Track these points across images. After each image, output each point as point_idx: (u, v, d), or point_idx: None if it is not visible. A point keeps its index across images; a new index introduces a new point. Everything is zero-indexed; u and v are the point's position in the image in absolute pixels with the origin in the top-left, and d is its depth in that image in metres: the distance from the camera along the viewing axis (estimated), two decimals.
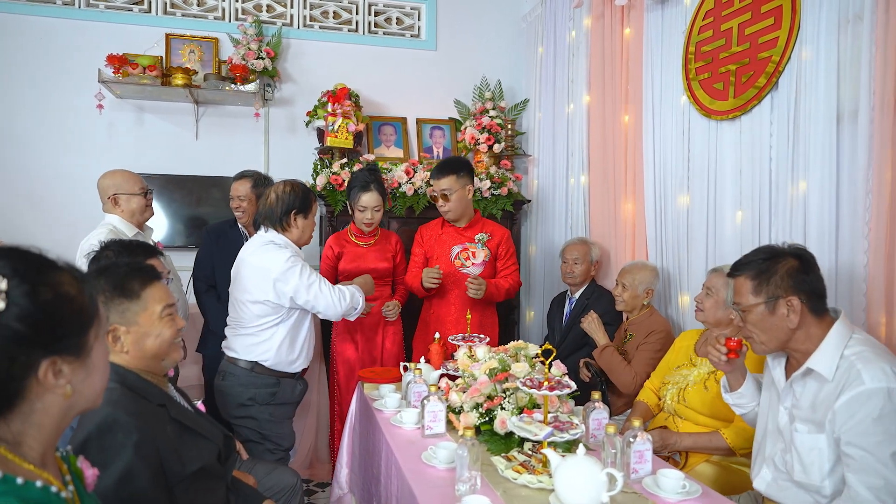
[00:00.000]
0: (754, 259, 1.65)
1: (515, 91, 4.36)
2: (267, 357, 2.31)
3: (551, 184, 3.87)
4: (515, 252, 3.11)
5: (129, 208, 2.60)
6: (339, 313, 2.38)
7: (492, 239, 3.02)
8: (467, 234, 3.02)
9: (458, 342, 2.40)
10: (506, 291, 3.00)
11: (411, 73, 4.26)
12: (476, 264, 2.96)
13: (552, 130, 3.86)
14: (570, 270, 3.17)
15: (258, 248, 2.33)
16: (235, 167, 3.91)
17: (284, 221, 2.36)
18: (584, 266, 3.15)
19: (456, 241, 3.02)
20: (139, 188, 2.64)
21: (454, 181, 2.93)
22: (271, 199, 2.36)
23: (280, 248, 2.32)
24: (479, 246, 2.97)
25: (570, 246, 3.22)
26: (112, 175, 2.65)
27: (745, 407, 1.85)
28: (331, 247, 3.16)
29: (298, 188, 2.40)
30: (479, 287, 2.84)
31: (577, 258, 3.15)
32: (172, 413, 1.48)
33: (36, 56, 3.66)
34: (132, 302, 1.45)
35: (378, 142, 4.17)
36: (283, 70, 4.05)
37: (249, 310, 2.30)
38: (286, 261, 2.26)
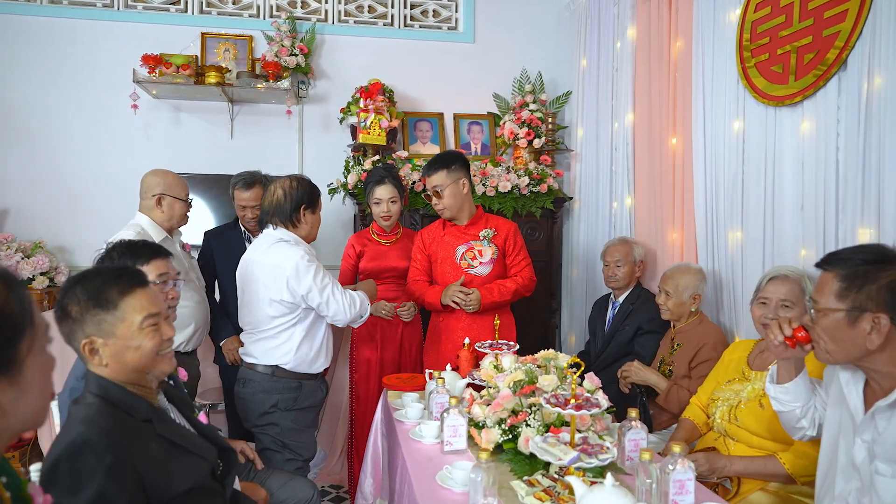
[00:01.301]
0: (853, 257, 1.39)
1: (557, 83, 4.16)
2: (287, 359, 2.22)
3: (594, 180, 3.65)
4: (524, 246, 2.88)
5: (171, 212, 2.55)
6: (347, 320, 2.27)
7: (497, 234, 2.81)
8: (471, 232, 2.81)
9: (484, 349, 2.24)
10: (514, 293, 2.77)
11: (448, 67, 4.12)
12: (484, 263, 2.77)
13: (595, 122, 3.64)
14: (612, 273, 2.96)
15: (269, 247, 2.24)
16: (270, 166, 3.88)
17: (294, 217, 2.27)
18: (626, 268, 2.94)
19: (460, 241, 2.81)
20: (185, 194, 2.59)
21: (445, 176, 2.73)
22: (278, 196, 2.27)
23: (292, 245, 2.22)
24: (485, 243, 2.78)
25: (611, 247, 3.01)
26: (163, 174, 2.59)
27: (785, 404, 1.61)
28: (352, 245, 3.07)
29: (305, 182, 2.30)
30: (469, 302, 2.67)
31: (619, 260, 2.94)
32: (159, 429, 1.38)
33: (75, 58, 3.71)
34: (108, 312, 1.35)
35: (414, 138, 4.04)
36: (317, 67, 3.98)
37: (264, 311, 2.22)
38: (300, 259, 2.17)
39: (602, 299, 3.17)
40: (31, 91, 3.67)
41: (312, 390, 2.29)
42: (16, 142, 3.66)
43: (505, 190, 3.59)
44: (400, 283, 3.04)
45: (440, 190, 2.74)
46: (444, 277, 2.83)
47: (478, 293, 2.70)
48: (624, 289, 2.99)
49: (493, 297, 2.71)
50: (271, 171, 3.85)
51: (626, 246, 2.98)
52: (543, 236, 3.75)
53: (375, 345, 3.04)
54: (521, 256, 2.85)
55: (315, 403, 2.31)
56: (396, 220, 3.05)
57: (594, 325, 3.14)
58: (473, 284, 2.76)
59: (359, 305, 2.28)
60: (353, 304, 2.25)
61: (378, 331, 3.03)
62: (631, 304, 2.94)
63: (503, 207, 3.59)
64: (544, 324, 3.81)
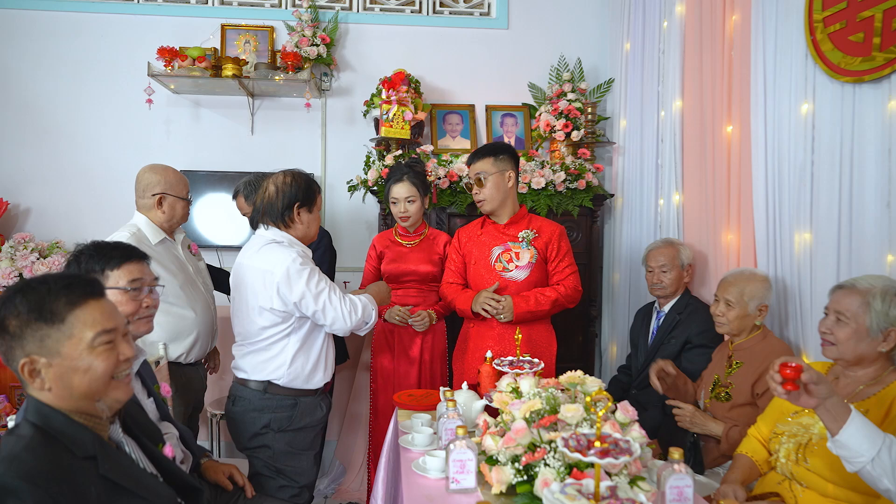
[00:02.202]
0: None
1: (598, 70, 3.82)
2: (280, 374, 2.00)
3: (638, 174, 3.30)
4: (570, 251, 2.59)
5: (173, 213, 2.38)
6: (348, 329, 2.04)
7: (539, 237, 2.53)
8: (510, 232, 2.55)
9: (503, 368, 1.96)
10: (553, 303, 2.48)
11: (480, 56, 3.84)
12: (521, 267, 2.49)
13: (640, 111, 3.30)
14: (656, 280, 2.64)
15: (260, 249, 2.02)
16: (292, 162, 3.62)
17: (287, 217, 2.05)
18: (673, 273, 2.61)
19: (496, 241, 2.55)
20: (186, 192, 2.42)
21: (491, 164, 2.49)
22: (270, 193, 2.05)
23: (284, 247, 2.00)
24: (524, 245, 2.50)
25: (655, 250, 2.68)
26: (163, 171, 2.41)
27: (854, 462, 1.31)
28: (374, 246, 2.84)
29: (301, 178, 2.08)
30: (501, 310, 2.41)
31: (664, 264, 2.61)
32: (102, 469, 1.17)
33: (95, 53, 3.62)
34: (53, 327, 1.15)
35: (442, 132, 3.79)
36: (341, 57, 3.77)
37: (255, 321, 2.00)
38: (292, 262, 1.95)
39: (645, 308, 2.84)
40: (52, 87, 3.60)
41: (310, 408, 2.06)
42: (37, 139, 3.60)
43: (538, 186, 3.29)
44: (422, 288, 2.80)
45: (483, 178, 2.49)
46: (477, 281, 2.57)
47: (510, 301, 2.43)
48: (670, 297, 2.66)
49: (528, 307, 2.44)
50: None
51: (672, 248, 2.65)
52: (581, 237, 3.43)
53: (392, 353, 2.80)
54: (566, 263, 2.57)
55: (313, 423, 2.08)
56: (418, 220, 2.80)
57: (636, 336, 2.82)
58: (508, 290, 2.49)
59: (360, 312, 2.04)
60: (353, 311, 2.02)
61: (395, 338, 2.80)
62: (678, 313, 2.61)
63: (536, 206, 3.29)
64: (583, 333, 3.49)
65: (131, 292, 1.58)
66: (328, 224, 3.78)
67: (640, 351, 2.74)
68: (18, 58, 3.58)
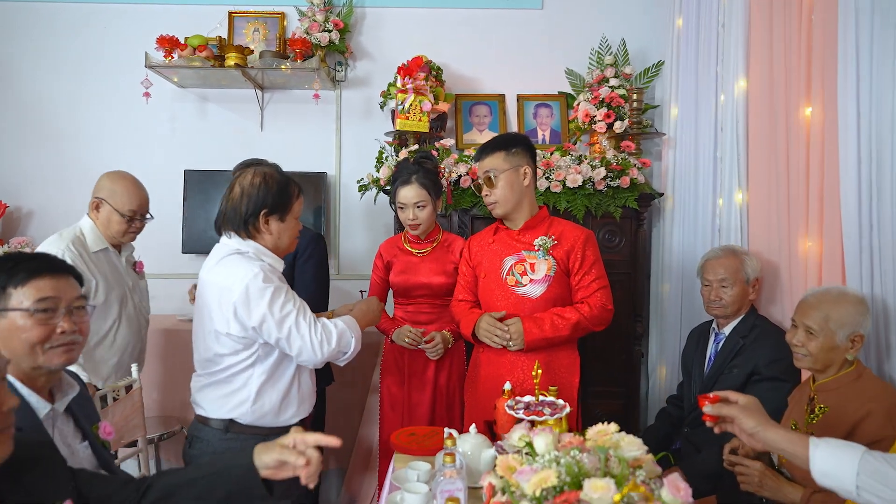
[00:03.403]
0: None
1: (646, 52, 3.36)
2: (243, 411, 1.67)
3: (692, 170, 2.84)
4: (599, 262, 2.16)
5: (107, 224, 2.20)
6: (318, 361, 1.69)
7: (559, 244, 2.11)
8: (525, 238, 2.14)
9: (517, 412, 1.56)
10: (574, 326, 2.05)
11: (511, 39, 3.44)
12: (536, 281, 2.08)
13: (694, 96, 2.84)
14: (715, 296, 2.20)
15: (219, 261, 1.70)
16: (303, 160, 3.41)
17: (251, 225, 1.71)
18: (735, 289, 2.16)
19: (509, 251, 2.15)
20: (128, 211, 2.19)
21: (502, 159, 2.09)
22: (234, 195, 1.72)
23: (247, 259, 1.67)
24: (540, 254, 2.08)
25: (713, 261, 2.23)
26: (116, 178, 2.24)
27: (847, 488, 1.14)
28: (380, 254, 2.49)
29: (273, 180, 1.73)
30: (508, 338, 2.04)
31: (724, 278, 2.17)
32: None
33: (97, 47, 3.40)
34: None
35: (468, 125, 3.41)
36: (357, 45, 3.44)
37: (211, 347, 1.68)
38: (253, 278, 1.61)
39: (701, 328, 2.39)
40: (53, 84, 3.40)
41: None
42: (38, 139, 3.41)
43: (575, 185, 2.86)
44: (436, 303, 2.42)
45: (493, 176, 2.10)
46: (487, 297, 2.19)
47: (519, 326, 2.03)
48: (731, 317, 2.20)
49: (541, 333, 2.03)
50: (305, 167, 3.39)
51: (734, 259, 2.20)
52: (625, 243, 2.99)
53: (402, 378, 2.44)
54: (593, 276, 2.12)
55: None
56: (430, 226, 2.43)
57: (689, 362, 2.36)
58: (522, 309, 2.09)
59: (334, 341, 1.68)
60: (325, 340, 1.67)
61: (406, 360, 2.43)
62: (741, 337, 2.15)
63: (572, 207, 2.87)
64: (626, 352, 3.04)
65: (38, 315, 1.27)
66: (343, 227, 3.45)
67: (695, 380, 2.29)
68: (17, 53, 3.39)
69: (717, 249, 2.30)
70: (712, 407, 1.31)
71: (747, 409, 1.28)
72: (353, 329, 1.77)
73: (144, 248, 3.42)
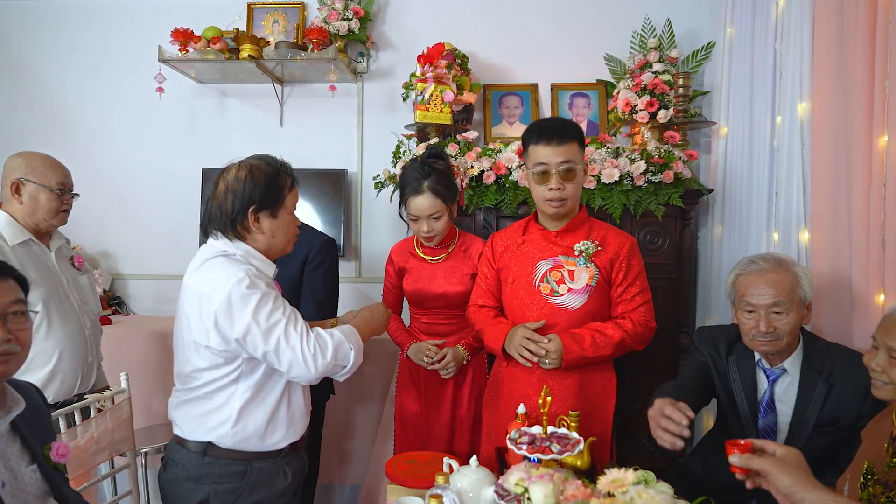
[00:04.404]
0: None
1: (694, 33, 3.04)
2: (223, 433, 1.49)
3: (746, 163, 2.51)
4: (643, 273, 1.89)
5: (35, 205, 1.97)
6: (312, 377, 1.48)
7: (602, 250, 1.85)
8: (563, 242, 1.88)
9: (520, 448, 1.32)
10: (617, 345, 1.80)
11: (545, 24, 3.17)
12: (576, 291, 1.82)
13: (749, 81, 2.51)
14: (767, 327, 1.65)
15: (202, 265, 1.52)
16: (324, 157, 3.26)
17: (239, 224, 1.52)
18: (792, 315, 1.65)
19: (544, 254, 1.89)
20: (56, 183, 2.00)
21: (577, 150, 1.83)
22: (219, 192, 1.54)
23: (233, 262, 1.49)
24: (581, 261, 1.82)
25: (755, 277, 1.70)
26: (29, 156, 2.02)
27: None
28: (391, 259, 2.28)
29: (259, 171, 1.54)
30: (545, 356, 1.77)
31: (778, 301, 1.64)
32: None
33: (114, 43, 3.33)
34: None
35: (497, 117, 3.16)
36: (380, 34, 3.25)
37: (190, 360, 1.50)
38: (236, 284, 1.43)
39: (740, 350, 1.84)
40: (70, 82, 3.35)
41: (266, 477, 1.53)
42: (57, 137, 3.35)
43: (611, 180, 2.58)
44: (453, 314, 2.20)
45: (574, 168, 1.81)
46: (515, 306, 1.92)
47: (559, 342, 1.76)
48: (786, 352, 1.71)
49: (582, 351, 1.77)
50: (326, 163, 3.22)
51: (787, 274, 1.68)
52: (669, 245, 2.68)
53: (419, 393, 2.23)
54: (637, 289, 1.87)
55: (272, 497, 1.54)
56: (444, 235, 2.20)
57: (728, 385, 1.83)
58: (557, 321, 1.83)
59: (330, 354, 1.47)
60: (319, 353, 1.46)
61: (422, 374, 2.22)
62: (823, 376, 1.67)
63: (608, 205, 2.59)
64: (670, 367, 2.73)
65: None
66: (365, 227, 3.27)
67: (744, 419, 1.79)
68: (33, 51, 3.36)
69: (759, 261, 1.73)
70: (741, 458, 1.06)
71: (784, 463, 1.05)
72: (352, 339, 1.55)
73: (160, 249, 3.37)
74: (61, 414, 1.76)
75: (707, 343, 1.85)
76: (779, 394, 1.73)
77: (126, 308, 3.38)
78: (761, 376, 1.77)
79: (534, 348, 1.77)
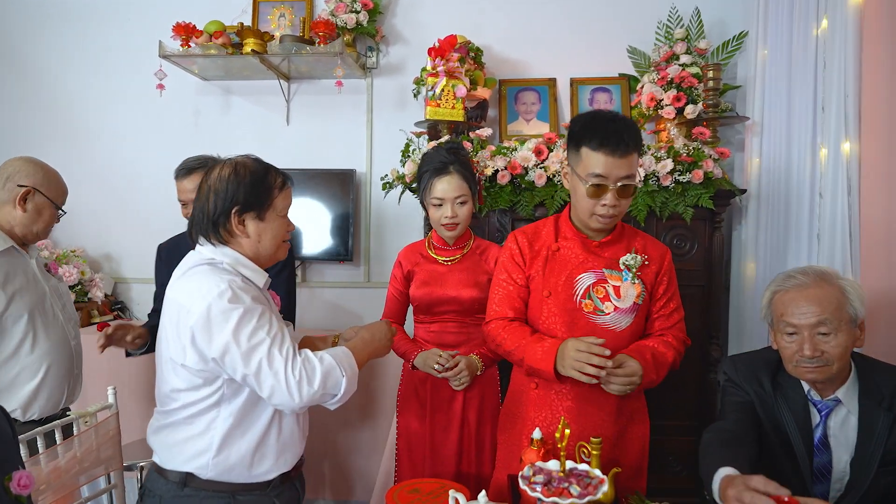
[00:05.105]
0: None
1: (725, 23, 2.84)
2: (203, 462, 1.34)
3: (783, 161, 2.31)
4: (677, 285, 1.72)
5: (37, 217, 1.87)
6: (297, 405, 1.30)
7: (648, 265, 1.66)
8: (606, 253, 1.67)
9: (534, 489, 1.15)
10: (670, 367, 1.64)
11: (564, 15, 3.00)
12: (623, 311, 1.62)
13: (786, 70, 2.31)
14: (813, 351, 1.43)
15: (184, 274, 1.38)
16: (331, 156, 3.12)
17: (222, 227, 1.38)
18: (841, 337, 1.43)
19: (586, 265, 1.66)
20: (62, 201, 1.93)
21: (636, 161, 1.60)
22: (202, 194, 1.40)
23: (215, 272, 1.33)
24: (628, 276, 1.62)
25: (795, 293, 1.47)
26: (43, 167, 1.92)
27: None
28: (399, 263, 2.12)
29: (244, 169, 1.39)
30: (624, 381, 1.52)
31: (824, 320, 1.42)
32: None
33: (118, 39, 3.22)
34: None
35: (514, 114, 3.00)
36: (391, 28, 3.10)
37: (168, 380, 1.37)
38: (217, 297, 1.27)
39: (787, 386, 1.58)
40: (75, 80, 3.26)
41: None
42: (58, 136, 3.27)
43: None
44: (465, 322, 2.03)
45: (629, 183, 1.57)
46: (550, 323, 1.68)
47: (637, 367, 1.53)
48: (836, 381, 1.49)
49: (654, 374, 1.59)
50: (334, 163, 3.08)
51: (832, 289, 1.45)
52: (697, 249, 2.49)
53: (424, 411, 2.06)
54: (676, 304, 1.71)
55: None
56: (466, 227, 2.05)
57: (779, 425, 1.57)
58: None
59: (318, 380, 1.30)
60: (305, 380, 1.29)
61: (429, 390, 2.05)
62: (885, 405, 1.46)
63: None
64: (700, 380, 2.54)
65: None
66: (374, 231, 3.12)
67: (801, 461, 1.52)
68: (37, 48, 3.27)
69: (798, 275, 1.51)
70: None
71: None
72: (345, 365, 1.36)
73: None
74: (39, 433, 1.64)
75: (747, 378, 1.60)
76: (833, 429, 1.51)
77: (129, 313, 3.28)
78: (812, 410, 1.54)
79: (599, 361, 1.46)
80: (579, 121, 1.63)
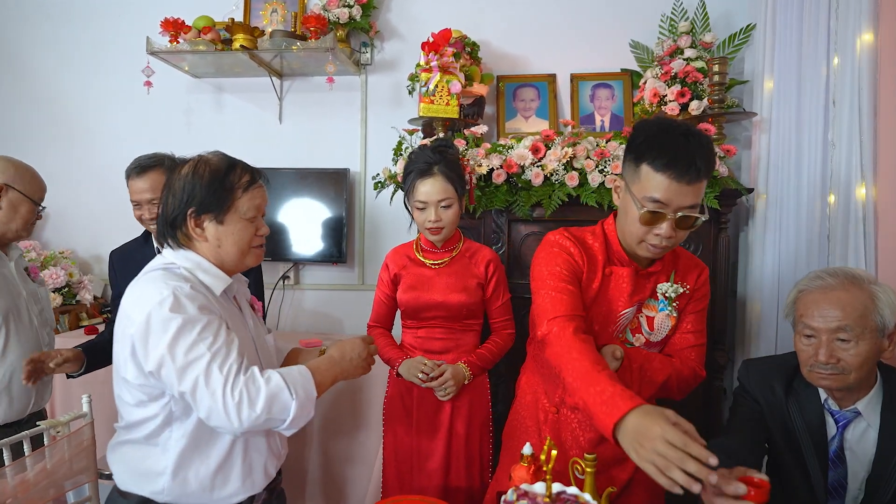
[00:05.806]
0: None
1: (732, 15, 2.74)
2: (160, 487, 1.25)
3: (792, 159, 2.20)
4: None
5: (14, 213, 1.81)
6: (237, 430, 1.17)
7: (685, 291, 1.52)
8: (648, 283, 1.50)
9: None
10: (661, 387, 1.50)
11: (564, 10, 2.90)
12: (653, 343, 1.51)
13: (796, 64, 2.20)
14: (827, 357, 1.34)
15: (133, 282, 1.29)
16: (325, 155, 3.04)
17: (180, 230, 1.29)
18: (864, 345, 1.32)
19: (634, 298, 1.48)
20: (39, 196, 1.86)
21: (702, 190, 1.35)
22: (164, 194, 1.32)
23: (167, 277, 1.24)
24: (664, 306, 1.49)
25: (817, 295, 1.38)
26: (15, 163, 1.85)
27: None
28: (387, 266, 2.04)
29: (204, 166, 1.30)
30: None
31: (845, 326, 1.33)
32: None
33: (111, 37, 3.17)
34: None
35: (512, 111, 2.90)
36: (386, 23, 3.01)
37: (120, 395, 1.28)
38: (158, 305, 1.18)
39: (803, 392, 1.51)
40: (64, 77, 3.21)
41: None
42: (45, 135, 3.22)
43: None
44: (453, 328, 1.95)
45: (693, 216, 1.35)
46: None
47: None
48: (856, 391, 1.40)
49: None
50: (328, 162, 3.00)
51: (860, 292, 1.35)
52: (701, 251, 2.38)
53: (410, 421, 1.98)
54: (697, 328, 1.55)
55: None
56: (452, 231, 1.96)
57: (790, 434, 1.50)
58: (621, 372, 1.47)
59: (261, 404, 1.15)
60: (246, 403, 1.14)
61: (415, 399, 1.97)
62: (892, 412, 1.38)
63: None
64: (704, 388, 2.43)
65: None
66: (368, 232, 3.04)
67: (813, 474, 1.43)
68: (29, 45, 3.21)
69: (826, 276, 1.41)
70: None
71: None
72: (298, 386, 1.21)
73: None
74: (6, 444, 1.57)
75: (759, 385, 1.51)
76: (850, 442, 1.41)
77: None
78: (829, 420, 1.44)
79: (695, 469, 1.01)
80: (644, 130, 1.37)
